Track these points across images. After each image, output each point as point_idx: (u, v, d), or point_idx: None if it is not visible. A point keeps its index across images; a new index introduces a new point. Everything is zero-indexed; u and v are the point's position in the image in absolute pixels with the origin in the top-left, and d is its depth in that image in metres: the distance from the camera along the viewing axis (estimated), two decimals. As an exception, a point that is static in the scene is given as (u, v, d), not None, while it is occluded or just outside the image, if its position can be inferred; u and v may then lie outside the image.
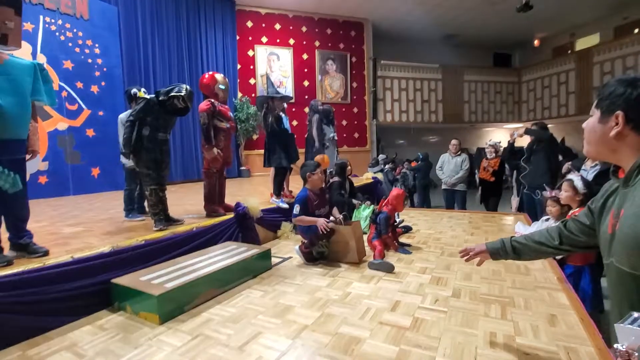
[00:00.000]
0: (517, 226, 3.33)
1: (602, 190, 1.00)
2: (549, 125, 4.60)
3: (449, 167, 5.47)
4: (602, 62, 9.64)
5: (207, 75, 3.35)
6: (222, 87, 3.35)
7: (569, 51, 11.76)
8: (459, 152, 5.56)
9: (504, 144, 5.34)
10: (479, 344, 1.55)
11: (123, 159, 3.36)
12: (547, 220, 3.04)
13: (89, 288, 1.94)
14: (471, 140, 13.53)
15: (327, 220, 2.68)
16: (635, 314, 0.70)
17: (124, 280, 2.04)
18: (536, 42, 12.88)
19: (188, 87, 2.80)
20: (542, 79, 11.59)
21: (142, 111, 2.66)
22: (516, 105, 12.49)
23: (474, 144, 13.51)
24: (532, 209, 4.08)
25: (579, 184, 2.57)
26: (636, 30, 9.56)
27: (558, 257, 2.55)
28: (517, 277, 2.36)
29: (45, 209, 4.09)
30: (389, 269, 2.50)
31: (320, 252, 2.83)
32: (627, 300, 0.81)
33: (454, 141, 5.63)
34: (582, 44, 11.59)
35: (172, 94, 2.69)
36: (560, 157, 4.14)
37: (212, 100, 3.22)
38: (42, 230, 2.79)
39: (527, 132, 4.10)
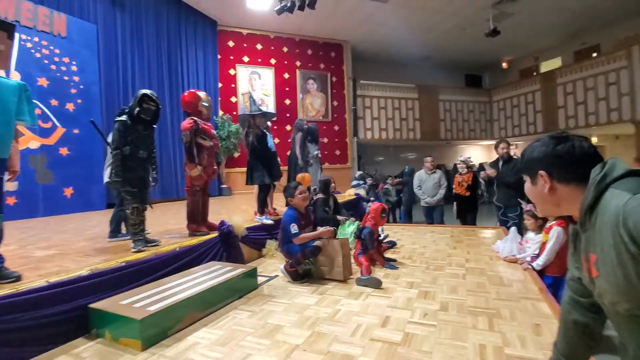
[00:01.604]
0: (495, 246, 3.41)
1: (569, 236, 1.03)
2: (518, 143, 4.80)
3: (428, 184, 5.59)
4: (565, 83, 10.34)
5: (187, 93, 3.34)
6: (205, 104, 3.35)
7: (535, 73, 12.56)
8: (434, 170, 5.72)
9: (476, 160, 5.54)
10: (470, 357, 1.56)
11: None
12: (525, 233, 3.16)
13: (66, 314, 1.82)
14: (448, 156, 13.99)
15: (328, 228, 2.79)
16: None
17: (103, 304, 1.93)
18: (504, 65, 13.71)
19: (143, 90, 2.77)
20: (511, 98, 12.27)
21: (122, 136, 2.61)
22: (488, 124, 13.09)
23: (451, 160, 13.93)
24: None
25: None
26: (594, 55, 10.36)
27: (538, 269, 2.64)
28: (501, 288, 2.41)
29: (13, 231, 3.85)
30: (377, 284, 2.50)
31: (307, 270, 2.80)
32: (635, 336, 0.81)
33: (429, 158, 5.77)
34: (546, 66, 12.44)
35: (138, 99, 2.66)
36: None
37: (195, 118, 3.20)
38: (12, 254, 2.62)
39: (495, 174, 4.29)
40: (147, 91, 2.74)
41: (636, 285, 0.71)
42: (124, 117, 2.63)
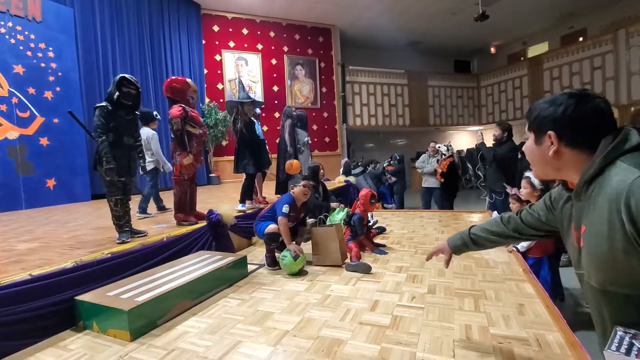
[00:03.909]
0: None
1: (558, 190, 1.00)
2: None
3: (431, 167, 5.69)
4: (551, 68, 10.43)
5: (175, 79, 3.24)
6: (194, 93, 3.28)
7: (522, 58, 12.61)
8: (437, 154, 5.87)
9: (465, 145, 5.70)
10: (456, 337, 1.60)
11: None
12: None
13: (51, 307, 1.79)
14: (450, 142, 14.06)
15: (297, 249, 2.59)
16: (620, 331, 0.71)
17: (90, 296, 1.91)
18: (492, 50, 13.71)
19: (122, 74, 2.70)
20: (498, 84, 12.34)
21: (105, 122, 2.52)
22: (476, 109, 13.18)
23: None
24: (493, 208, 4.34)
25: (535, 180, 2.74)
26: (580, 39, 10.43)
27: (522, 250, 2.71)
28: (487, 270, 2.47)
29: (-5, 225, 3.76)
30: (366, 269, 2.53)
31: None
32: (603, 311, 0.82)
33: (432, 144, 5.95)
34: (533, 51, 12.49)
35: (116, 83, 2.57)
36: (520, 155, 4.39)
37: (183, 105, 3.12)
38: (-7, 248, 2.56)
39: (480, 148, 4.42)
40: (126, 75, 2.66)
41: (619, 261, 0.71)
42: (103, 103, 2.55)
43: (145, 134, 4.16)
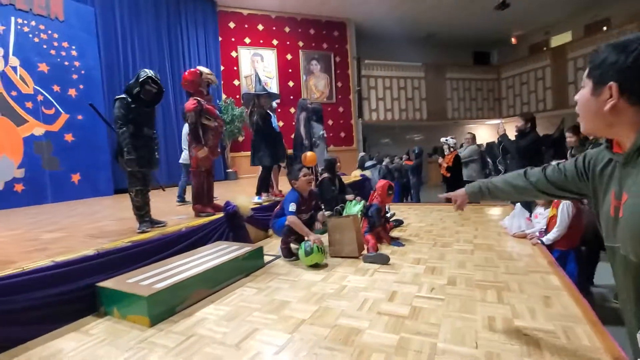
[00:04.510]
0: (503, 222, 3.37)
1: (596, 153, 0.90)
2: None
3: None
4: (576, 58, 9.99)
5: (188, 72, 3.26)
6: (210, 76, 3.30)
7: (544, 48, 12.14)
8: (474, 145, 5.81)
9: (484, 139, 5.56)
10: (479, 328, 1.54)
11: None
12: (534, 208, 3.11)
13: (73, 293, 1.84)
14: (455, 136, 13.75)
15: (317, 239, 2.54)
16: None
17: (110, 283, 1.95)
18: (513, 40, 13.24)
19: (147, 70, 2.72)
20: (520, 75, 11.92)
21: (125, 114, 2.56)
22: (496, 102, 12.78)
23: (458, 140, 13.70)
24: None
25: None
26: (604, 28, 9.95)
27: (548, 243, 2.60)
28: (510, 263, 2.38)
29: (22, 217, 3.91)
30: (384, 260, 2.48)
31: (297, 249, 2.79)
32: (633, 288, 0.76)
33: (468, 135, 6.06)
34: (556, 41, 11.99)
35: (141, 80, 2.60)
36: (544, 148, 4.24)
37: (198, 99, 3.14)
38: (19, 238, 2.65)
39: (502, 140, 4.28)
40: (151, 74, 2.68)
41: None
42: (123, 95, 2.59)
43: (185, 129, 4.42)
